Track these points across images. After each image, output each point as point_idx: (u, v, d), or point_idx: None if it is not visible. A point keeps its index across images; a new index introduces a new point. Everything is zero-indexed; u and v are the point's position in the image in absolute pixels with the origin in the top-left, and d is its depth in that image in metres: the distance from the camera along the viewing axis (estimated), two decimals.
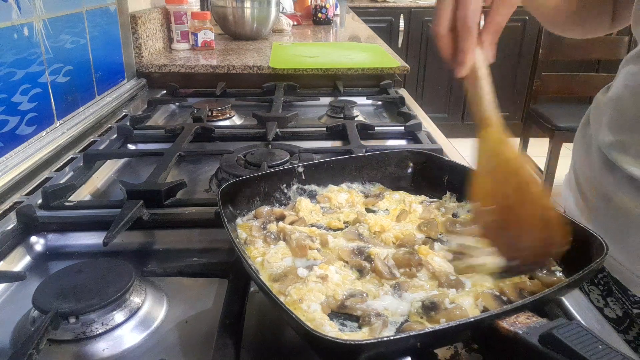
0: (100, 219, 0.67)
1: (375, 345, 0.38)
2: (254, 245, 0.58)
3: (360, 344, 0.38)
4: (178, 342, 0.50)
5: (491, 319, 0.40)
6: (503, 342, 0.40)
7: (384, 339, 0.39)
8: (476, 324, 0.41)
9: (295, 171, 0.70)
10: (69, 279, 0.53)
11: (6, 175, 0.79)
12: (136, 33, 1.41)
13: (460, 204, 0.68)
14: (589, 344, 0.36)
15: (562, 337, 0.36)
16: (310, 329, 0.38)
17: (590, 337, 0.36)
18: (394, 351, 0.40)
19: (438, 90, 3.75)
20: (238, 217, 0.63)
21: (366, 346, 0.38)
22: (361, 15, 3.16)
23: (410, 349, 0.40)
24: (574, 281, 0.46)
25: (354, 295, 0.49)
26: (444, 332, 0.40)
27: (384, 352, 0.39)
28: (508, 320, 0.40)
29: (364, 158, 0.74)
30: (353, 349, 0.38)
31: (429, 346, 0.42)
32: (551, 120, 2.69)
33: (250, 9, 1.88)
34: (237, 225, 0.62)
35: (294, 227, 0.60)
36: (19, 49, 0.86)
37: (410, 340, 0.39)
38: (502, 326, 0.40)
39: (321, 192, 0.71)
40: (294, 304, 0.47)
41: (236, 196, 0.64)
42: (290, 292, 0.49)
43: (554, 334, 0.36)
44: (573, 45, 2.86)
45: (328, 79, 1.46)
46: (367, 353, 0.38)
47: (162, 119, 1.26)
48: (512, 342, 0.39)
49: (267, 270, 0.53)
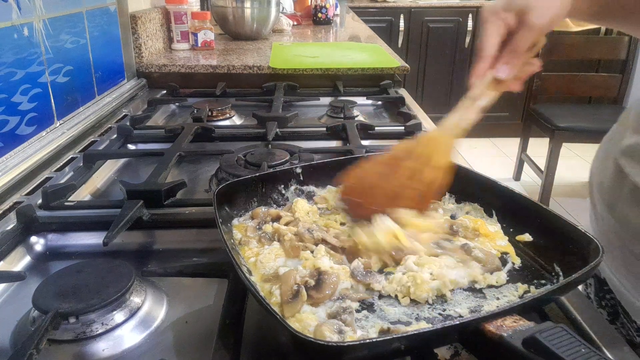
0: (100, 219, 0.67)
1: (358, 347, 0.39)
2: (248, 245, 0.58)
3: (342, 345, 0.38)
4: (178, 342, 0.50)
5: (478, 322, 0.41)
6: (489, 345, 0.40)
7: (366, 341, 0.39)
8: (462, 327, 0.41)
9: (293, 172, 0.70)
10: (69, 279, 0.53)
11: (6, 175, 0.79)
12: (136, 33, 1.41)
13: (459, 205, 0.68)
14: (571, 347, 0.36)
15: (544, 341, 0.36)
16: (294, 331, 0.39)
17: (574, 341, 0.37)
18: (378, 353, 0.40)
19: (438, 90, 3.75)
20: (235, 218, 0.64)
21: (349, 348, 0.38)
22: (361, 15, 3.16)
23: (395, 351, 0.40)
24: (566, 284, 0.46)
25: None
26: (429, 334, 0.40)
27: (367, 354, 0.39)
28: (495, 324, 0.40)
29: (363, 159, 0.74)
30: (336, 350, 0.38)
31: (414, 348, 0.42)
32: (551, 120, 2.69)
33: (250, 9, 1.88)
34: (232, 226, 0.62)
35: (288, 228, 0.60)
36: (19, 49, 0.86)
37: (394, 343, 0.39)
38: (489, 329, 0.40)
39: (320, 193, 0.71)
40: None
41: (233, 197, 0.64)
42: (275, 293, 0.49)
43: (536, 338, 0.37)
44: (573, 45, 2.86)
45: (328, 79, 1.46)
46: (350, 355, 0.38)
47: (162, 119, 1.26)
48: (497, 345, 0.39)
49: (260, 271, 0.54)
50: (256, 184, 0.67)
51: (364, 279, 0.52)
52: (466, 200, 0.68)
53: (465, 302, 0.50)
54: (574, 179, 3.27)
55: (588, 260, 0.48)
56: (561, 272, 0.53)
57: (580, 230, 0.52)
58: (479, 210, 0.66)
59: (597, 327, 0.50)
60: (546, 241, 0.57)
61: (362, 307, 0.50)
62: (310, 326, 0.45)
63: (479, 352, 0.44)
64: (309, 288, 0.49)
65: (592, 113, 2.88)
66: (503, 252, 0.58)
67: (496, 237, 0.60)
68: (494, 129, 3.76)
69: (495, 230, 0.61)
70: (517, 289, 0.52)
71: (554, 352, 0.35)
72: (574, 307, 0.52)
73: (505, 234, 0.61)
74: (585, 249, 0.50)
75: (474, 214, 0.66)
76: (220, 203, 0.60)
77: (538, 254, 0.57)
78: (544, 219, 0.58)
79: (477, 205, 0.67)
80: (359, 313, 0.49)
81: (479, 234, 0.60)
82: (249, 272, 0.53)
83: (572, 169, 3.35)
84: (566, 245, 0.53)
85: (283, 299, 0.48)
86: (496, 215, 0.64)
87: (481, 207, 0.66)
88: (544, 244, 0.57)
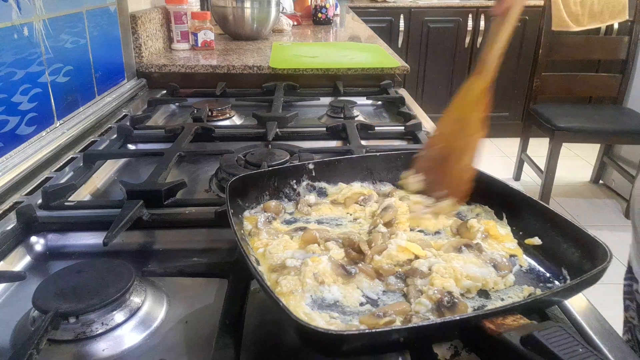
0: (100, 219, 0.67)
1: (358, 336, 0.39)
2: (257, 236, 0.59)
3: (343, 334, 0.39)
4: (178, 342, 0.50)
5: (478, 319, 0.41)
6: (488, 342, 0.40)
7: (366, 331, 0.40)
8: (462, 323, 0.41)
9: (305, 168, 0.70)
10: (69, 279, 0.53)
11: (6, 175, 0.79)
12: (136, 33, 1.41)
13: (469, 207, 0.68)
14: (569, 346, 0.36)
15: (542, 339, 0.36)
16: (296, 318, 0.39)
17: (572, 340, 0.37)
18: (377, 344, 0.40)
19: (438, 90, 3.75)
20: (246, 210, 0.65)
21: (349, 337, 0.39)
22: (361, 15, 3.16)
23: (393, 343, 0.40)
24: (571, 286, 0.46)
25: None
26: (428, 328, 0.41)
27: (367, 344, 0.39)
28: (495, 321, 0.40)
29: (375, 157, 0.74)
30: (337, 339, 0.38)
31: (413, 342, 0.42)
32: (551, 120, 2.69)
33: (250, 9, 1.88)
34: (244, 218, 0.63)
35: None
36: (19, 49, 0.86)
37: (393, 334, 0.39)
38: (488, 326, 0.40)
39: (331, 189, 0.71)
40: (288, 295, 0.48)
41: (246, 190, 0.65)
42: (281, 283, 0.50)
43: (534, 336, 0.37)
44: (573, 45, 2.86)
45: (328, 79, 1.46)
46: (351, 344, 0.39)
47: (162, 119, 1.26)
48: (496, 342, 0.39)
49: (268, 261, 0.54)
50: (268, 178, 0.68)
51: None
52: (477, 202, 0.68)
53: (470, 302, 0.50)
54: (574, 179, 3.27)
55: (596, 264, 0.48)
56: (568, 276, 0.53)
57: (588, 234, 0.52)
58: (490, 212, 0.66)
59: (599, 328, 0.50)
60: (555, 245, 0.57)
61: (366, 301, 0.50)
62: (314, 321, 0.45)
63: (479, 350, 0.44)
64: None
65: (592, 113, 2.88)
66: (511, 255, 0.58)
67: (506, 239, 0.60)
68: (494, 129, 3.76)
69: (505, 233, 0.61)
70: (523, 291, 0.52)
71: (551, 351, 0.36)
72: (576, 310, 0.52)
73: (514, 237, 0.61)
74: (594, 253, 0.50)
75: (484, 215, 0.66)
76: (233, 195, 0.61)
77: (546, 257, 0.57)
78: (553, 223, 0.57)
79: (487, 207, 0.66)
80: (362, 306, 0.49)
81: (489, 235, 0.60)
82: (257, 262, 0.53)
83: (572, 169, 3.35)
84: (575, 250, 0.53)
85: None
86: (506, 218, 0.64)
87: (492, 210, 0.66)
88: (552, 248, 0.57)
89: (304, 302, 0.49)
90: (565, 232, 0.55)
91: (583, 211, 2.89)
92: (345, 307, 0.49)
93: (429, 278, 0.51)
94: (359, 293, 0.51)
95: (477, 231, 0.60)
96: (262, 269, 0.53)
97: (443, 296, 0.48)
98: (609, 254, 0.48)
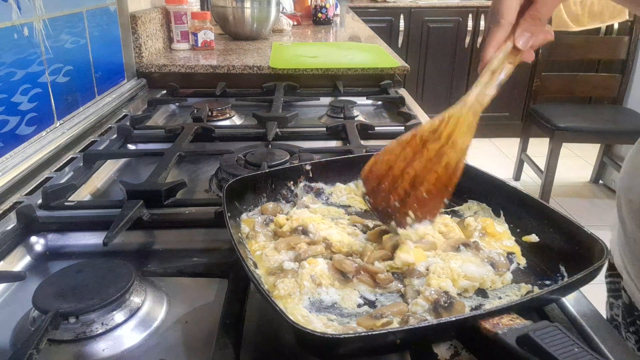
0: (100, 219, 0.67)
1: (355, 339, 0.39)
2: (255, 239, 0.59)
3: (339, 337, 0.39)
4: (178, 342, 0.50)
5: (474, 319, 0.41)
6: (484, 343, 0.40)
7: (362, 334, 0.40)
8: (459, 324, 0.41)
9: (302, 169, 0.70)
10: (69, 279, 0.53)
11: (6, 175, 0.79)
12: (136, 33, 1.41)
13: (466, 205, 0.68)
14: (565, 346, 0.36)
15: (537, 339, 0.36)
16: (292, 322, 0.39)
17: (567, 340, 0.37)
18: (375, 346, 0.40)
19: (438, 90, 3.75)
20: (244, 213, 0.64)
21: (345, 340, 0.39)
22: (361, 15, 3.16)
23: (391, 344, 0.40)
24: (566, 285, 0.46)
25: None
26: (425, 329, 0.40)
27: (363, 346, 0.39)
28: (491, 321, 0.40)
29: (372, 157, 0.74)
30: (332, 342, 0.38)
31: (410, 344, 0.42)
32: (551, 120, 2.69)
33: (250, 9, 1.88)
34: (241, 220, 0.63)
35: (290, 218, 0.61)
36: (19, 49, 0.86)
37: (389, 336, 0.39)
38: (485, 327, 0.40)
39: (328, 190, 0.71)
40: (286, 298, 0.48)
41: (243, 192, 0.65)
42: (278, 286, 0.50)
43: (530, 336, 0.37)
44: (573, 45, 2.86)
45: (328, 79, 1.46)
46: (347, 347, 0.39)
47: (162, 119, 1.26)
48: (492, 342, 0.39)
49: (265, 264, 0.54)
50: (266, 180, 0.68)
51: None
52: (474, 199, 0.68)
53: (467, 301, 0.51)
54: (574, 179, 3.27)
55: (593, 261, 0.48)
56: (566, 273, 0.53)
57: (586, 231, 0.52)
58: (487, 210, 0.66)
59: (598, 328, 0.50)
60: (552, 242, 0.57)
61: (364, 302, 0.50)
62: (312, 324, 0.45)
63: (476, 350, 0.44)
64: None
65: (592, 113, 2.88)
66: (509, 252, 0.58)
67: (503, 237, 0.60)
68: (494, 129, 3.76)
69: (503, 231, 0.61)
70: (520, 289, 0.52)
71: (547, 351, 0.36)
72: (575, 308, 0.52)
73: (512, 234, 0.61)
74: (591, 250, 0.50)
75: (481, 213, 0.66)
76: (230, 198, 0.61)
77: (544, 255, 0.57)
78: (550, 220, 0.58)
79: (485, 205, 0.67)
80: (360, 308, 0.49)
81: (486, 233, 0.60)
82: (254, 265, 0.53)
83: (572, 169, 3.35)
84: (572, 247, 0.53)
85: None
86: (503, 216, 0.64)
87: (489, 207, 0.66)
88: (550, 245, 0.57)
89: (302, 305, 0.49)
90: (563, 229, 0.55)
91: (583, 211, 2.89)
92: (343, 308, 0.49)
93: (426, 278, 0.51)
94: (356, 294, 0.51)
95: (475, 229, 0.60)
96: (259, 272, 0.53)
97: (440, 296, 0.48)
98: (606, 251, 0.48)
